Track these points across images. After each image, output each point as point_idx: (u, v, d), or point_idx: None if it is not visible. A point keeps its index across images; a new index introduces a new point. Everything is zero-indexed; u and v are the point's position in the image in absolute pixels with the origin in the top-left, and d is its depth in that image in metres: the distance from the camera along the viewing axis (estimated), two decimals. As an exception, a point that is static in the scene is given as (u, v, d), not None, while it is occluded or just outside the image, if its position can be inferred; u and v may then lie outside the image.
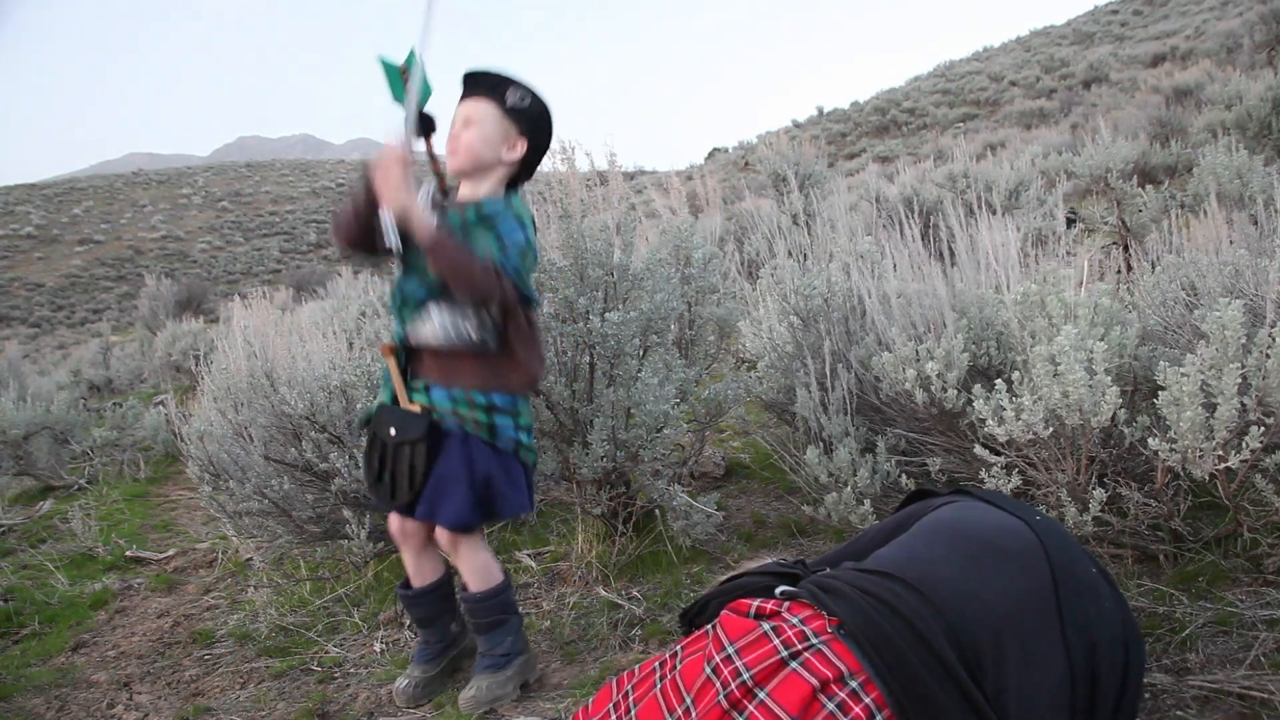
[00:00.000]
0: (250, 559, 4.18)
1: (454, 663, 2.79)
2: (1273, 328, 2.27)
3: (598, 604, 3.17)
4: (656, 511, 3.55)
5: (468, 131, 2.41)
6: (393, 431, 2.42)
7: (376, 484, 2.49)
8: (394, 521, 2.62)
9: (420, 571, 2.68)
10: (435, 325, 2.38)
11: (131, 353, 13.66)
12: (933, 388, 2.89)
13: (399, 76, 2.35)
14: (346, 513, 3.40)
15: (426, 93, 2.39)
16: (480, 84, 2.45)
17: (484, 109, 2.42)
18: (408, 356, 2.52)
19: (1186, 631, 2.33)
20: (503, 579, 2.61)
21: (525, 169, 2.51)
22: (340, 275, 8.36)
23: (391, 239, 2.31)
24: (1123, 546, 2.72)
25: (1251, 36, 17.54)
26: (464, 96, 2.46)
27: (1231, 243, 3.37)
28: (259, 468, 3.62)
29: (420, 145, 2.44)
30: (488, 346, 2.36)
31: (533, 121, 2.45)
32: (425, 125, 2.43)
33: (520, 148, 2.44)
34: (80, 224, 53.85)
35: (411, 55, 2.36)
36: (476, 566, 2.56)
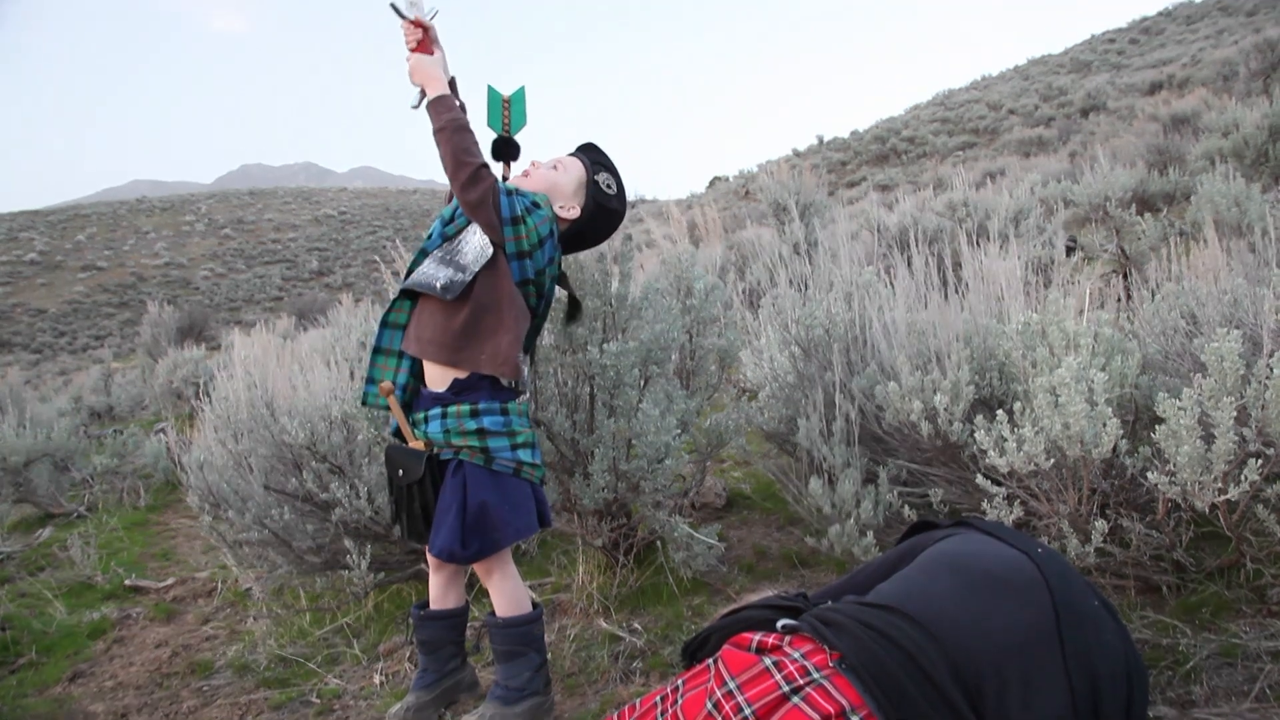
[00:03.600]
0: (250, 589, 4.16)
1: (449, 693, 2.77)
2: (1270, 358, 2.27)
3: (598, 636, 3.15)
4: (658, 543, 3.54)
5: (553, 171, 2.62)
6: (400, 473, 2.50)
7: (395, 522, 2.58)
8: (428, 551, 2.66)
9: (443, 597, 2.70)
10: (420, 270, 2.51)
11: (133, 379, 13.67)
12: (939, 419, 2.89)
13: (500, 107, 2.67)
14: (347, 543, 3.39)
15: (521, 123, 2.70)
16: (590, 151, 2.72)
17: (576, 166, 2.65)
18: (406, 383, 2.57)
19: (1191, 664, 2.31)
20: (532, 611, 2.60)
21: (564, 240, 2.64)
22: (341, 303, 8.36)
23: (416, 100, 2.58)
24: (1125, 577, 2.71)
25: (1247, 65, 17.65)
26: (573, 153, 2.71)
27: (1230, 270, 3.38)
28: (259, 497, 3.62)
29: (499, 167, 2.69)
30: (446, 293, 2.40)
31: (597, 204, 2.63)
32: (511, 151, 2.70)
33: (571, 214, 2.61)
34: (84, 250, 54.04)
35: (519, 91, 2.72)
36: (507, 593, 2.57)
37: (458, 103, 2.62)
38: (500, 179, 2.61)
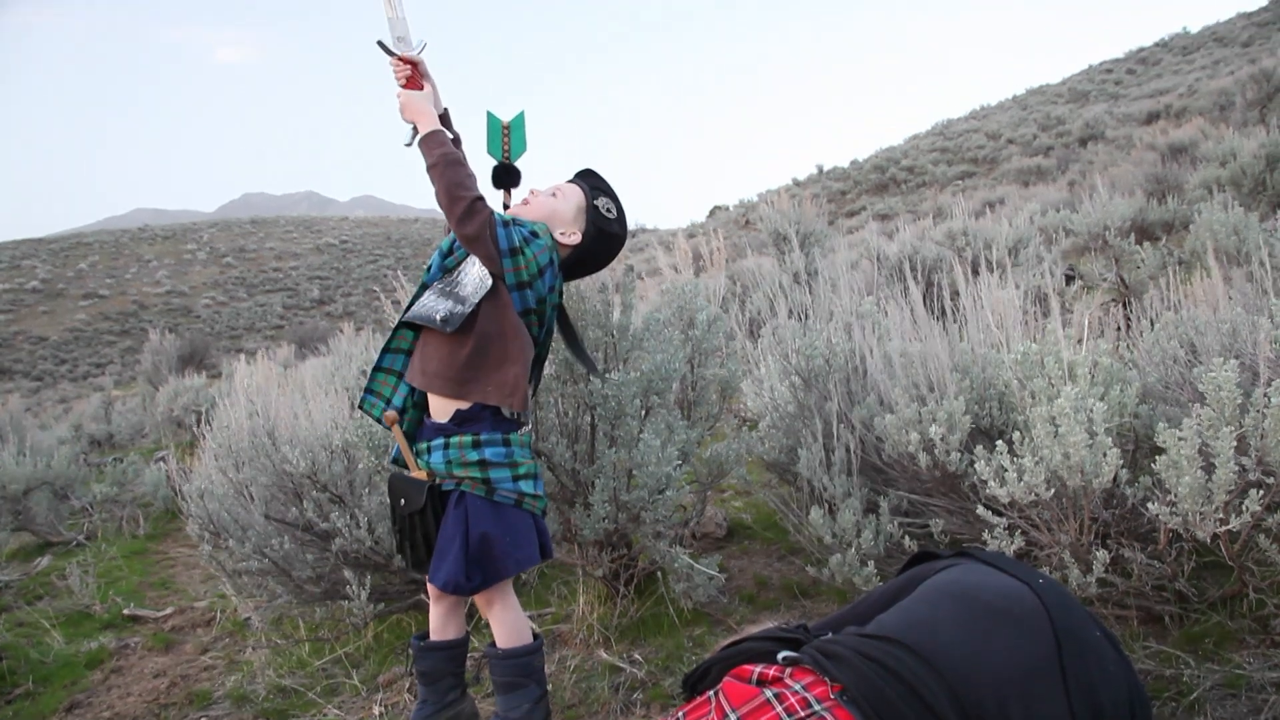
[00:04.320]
0: (249, 618, 4.14)
1: None
2: (1268, 387, 2.28)
3: (599, 667, 3.13)
4: (658, 573, 3.53)
5: (552, 198, 2.61)
6: (403, 503, 2.49)
7: (400, 552, 2.57)
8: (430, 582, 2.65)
9: (443, 628, 2.68)
10: (419, 302, 2.51)
11: (133, 407, 13.67)
12: (936, 450, 2.89)
13: (500, 133, 2.66)
14: (347, 573, 3.38)
15: (520, 150, 2.70)
16: (588, 177, 2.69)
17: (575, 192, 2.63)
18: (403, 406, 2.58)
19: (1194, 695, 2.30)
20: (532, 642, 2.59)
21: (565, 267, 2.63)
22: (342, 332, 8.38)
23: (409, 138, 2.60)
24: (1127, 608, 2.70)
25: (1243, 95, 17.79)
26: (572, 180, 2.70)
27: (1229, 299, 3.39)
28: (259, 526, 3.61)
29: (499, 194, 2.72)
30: (446, 325, 2.40)
31: (598, 229, 2.62)
32: (511, 178, 2.70)
33: (572, 240, 2.59)
34: (85, 278, 54.26)
35: (519, 116, 2.70)
36: (508, 624, 2.56)
37: (450, 135, 2.63)
38: (501, 206, 2.62)
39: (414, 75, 2.61)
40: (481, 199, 2.43)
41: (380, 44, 2.61)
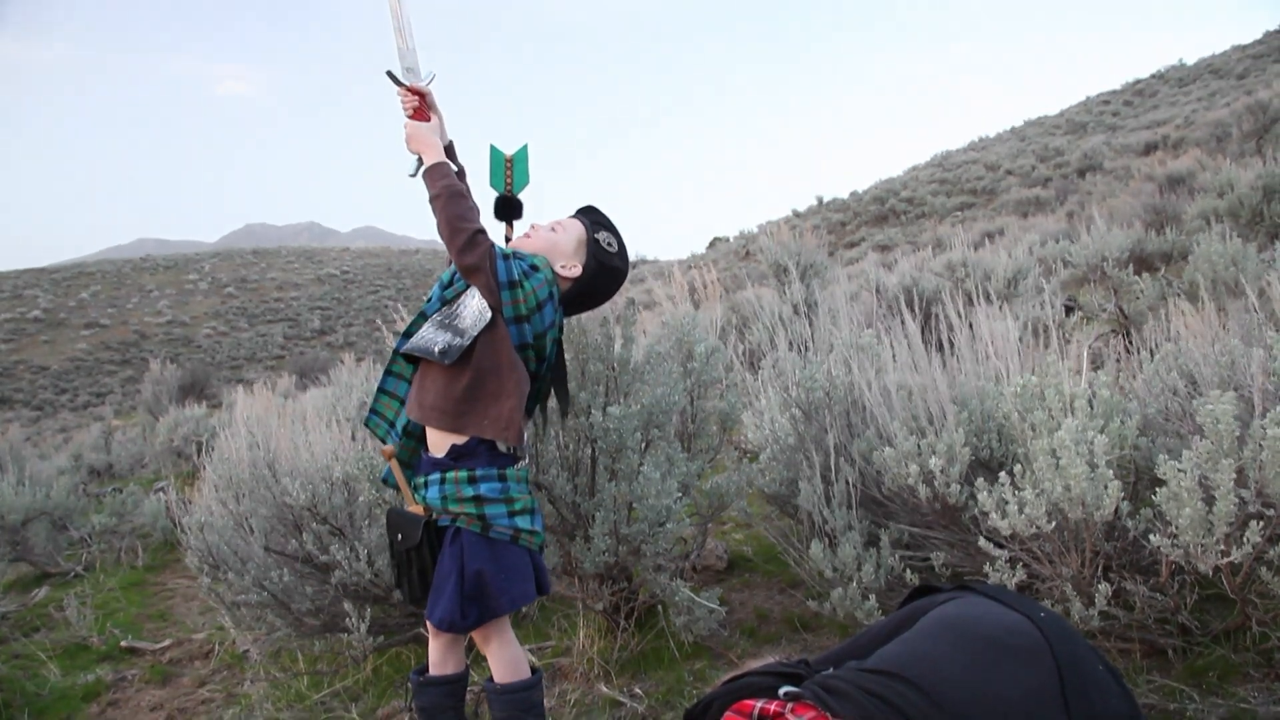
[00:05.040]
0: (247, 651, 4.12)
1: None
2: (1264, 419, 2.28)
3: (599, 701, 3.12)
4: (659, 606, 3.52)
5: (551, 232, 2.62)
6: (399, 538, 2.49)
7: (398, 586, 2.57)
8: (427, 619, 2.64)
9: (442, 663, 2.66)
10: (419, 334, 2.51)
11: (133, 437, 13.65)
12: (935, 483, 2.89)
13: (503, 166, 2.68)
14: (346, 605, 3.37)
15: (523, 182, 2.72)
16: (589, 213, 2.71)
17: (576, 226, 2.64)
18: (403, 442, 2.57)
19: (1198, 731, 2.29)
20: (531, 677, 2.58)
21: (567, 301, 2.63)
22: (343, 362, 8.39)
23: (414, 168, 2.61)
24: (1130, 641, 2.69)
25: (1240, 126, 17.94)
26: (573, 215, 2.71)
27: (1227, 331, 3.39)
28: (259, 559, 3.60)
29: (502, 226, 2.74)
30: (444, 358, 2.40)
31: (598, 263, 2.62)
32: (513, 210, 2.72)
33: (573, 273, 2.59)
34: (87, 308, 54.39)
35: (522, 149, 2.72)
36: (506, 659, 2.55)
37: (455, 167, 2.65)
38: (503, 239, 2.64)
39: (421, 106, 2.63)
40: (483, 231, 2.45)
41: (389, 74, 2.64)
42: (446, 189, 2.49)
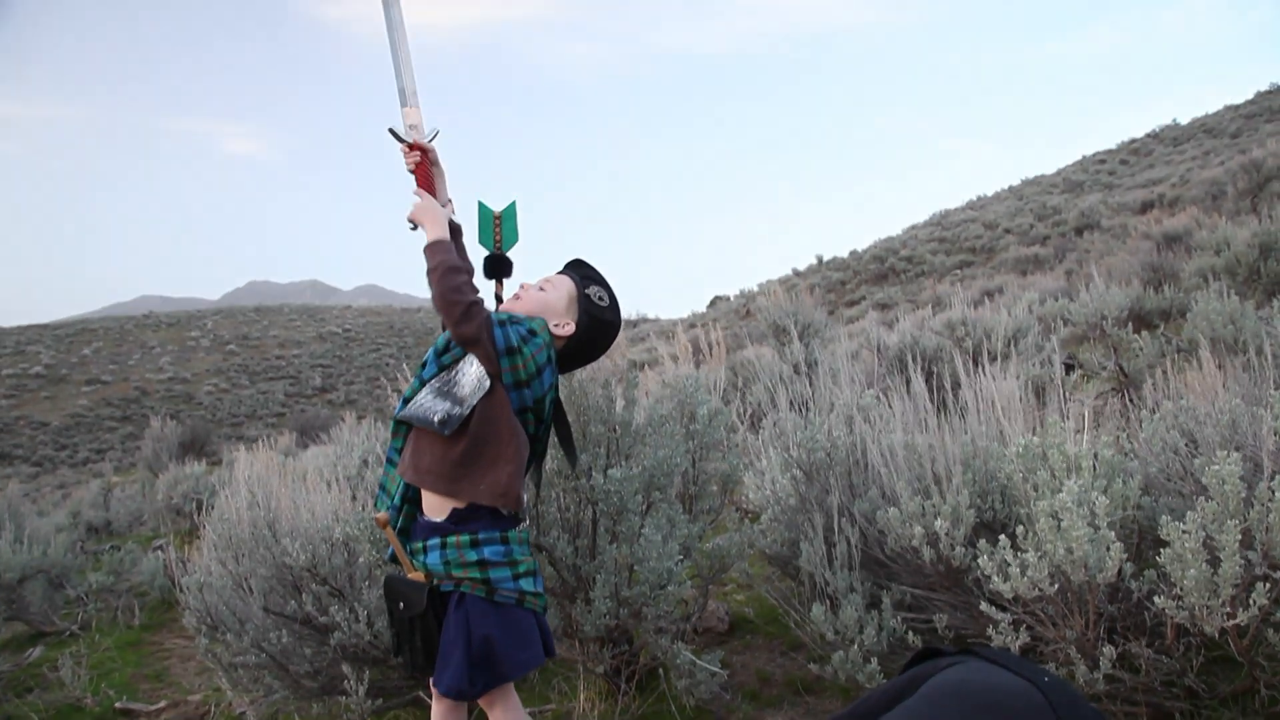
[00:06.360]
0: (244, 713, 4.06)
1: None
2: (1272, 480, 2.28)
3: (600, 765, 3.07)
4: (660, 669, 3.48)
5: (540, 291, 2.63)
6: (402, 606, 2.44)
7: (398, 654, 2.51)
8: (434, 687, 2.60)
9: None
10: (416, 401, 2.48)
11: (132, 494, 13.58)
12: (940, 544, 2.88)
13: (491, 224, 2.67)
14: (345, 668, 3.33)
15: (512, 240, 2.69)
16: (578, 267, 2.73)
17: (565, 282, 2.65)
18: (401, 508, 2.54)
19: (1207, 798, 2.25)
20: None
21: (562, 358, 2.62)
22: (344, 420, 8.39)
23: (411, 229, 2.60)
24: (1137, 704, 2.65)
25: (1235, 184, 18.10)
26: (561, 271, 2.73)
27: (1226, 388, 3.40)
28: (258, 619, 3.57)
29: (492, 284, 2.72)
30: (444, 428, 2.38)
31: (590, 319, 2.62)
32: (503, 269, 2.69)
33: (567, 330, 2.59)
34: (89, 364, 54.55)
35: (511, 206, 2.70)
36: None
37: (454, 223, 2.67)
38: (495, 298, 2.64)
39: (423, 162, 2.66)
40: (478, 303, 2.44)
41: (391, 131, 2.66)
42: (442, 264, 2.48)
